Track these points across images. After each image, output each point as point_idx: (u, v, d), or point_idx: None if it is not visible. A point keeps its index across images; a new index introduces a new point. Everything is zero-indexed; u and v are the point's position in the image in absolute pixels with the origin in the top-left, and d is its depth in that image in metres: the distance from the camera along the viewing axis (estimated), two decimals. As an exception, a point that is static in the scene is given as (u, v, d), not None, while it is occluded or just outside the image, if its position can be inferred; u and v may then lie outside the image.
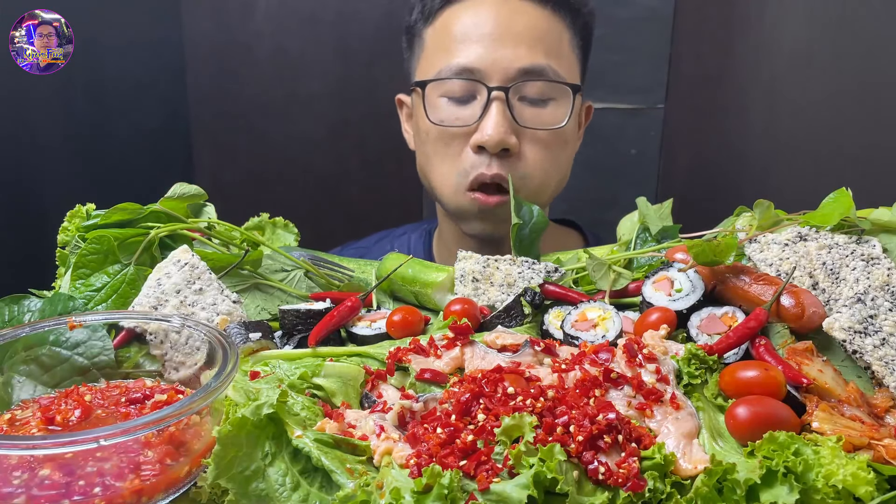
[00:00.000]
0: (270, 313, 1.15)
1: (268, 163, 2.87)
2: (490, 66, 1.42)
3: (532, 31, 1.46)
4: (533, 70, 1.43)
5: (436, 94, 1.48)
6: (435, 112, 1.48)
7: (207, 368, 0.93)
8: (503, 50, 1.43)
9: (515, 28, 1.45)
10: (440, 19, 1.53)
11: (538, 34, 1.46)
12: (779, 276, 1.00)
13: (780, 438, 0.71)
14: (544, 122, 1.45)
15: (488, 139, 1.40)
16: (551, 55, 1.46)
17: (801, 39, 2.40)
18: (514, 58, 1.43)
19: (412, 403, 0.82)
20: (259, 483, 0.72)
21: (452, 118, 1.46)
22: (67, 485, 0.69)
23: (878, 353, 0.86)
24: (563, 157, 1.52)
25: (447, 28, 1.51)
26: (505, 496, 0.65)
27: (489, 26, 1.46)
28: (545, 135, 1.45)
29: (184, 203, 1.23)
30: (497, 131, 1.39)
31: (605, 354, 0.87)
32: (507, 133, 1.41)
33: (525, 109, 1.44)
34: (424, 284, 1.18)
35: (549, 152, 1.47)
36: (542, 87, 1.44)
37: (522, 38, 1.45)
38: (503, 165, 1.43)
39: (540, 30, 1.47)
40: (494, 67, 1.42)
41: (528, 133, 1.44)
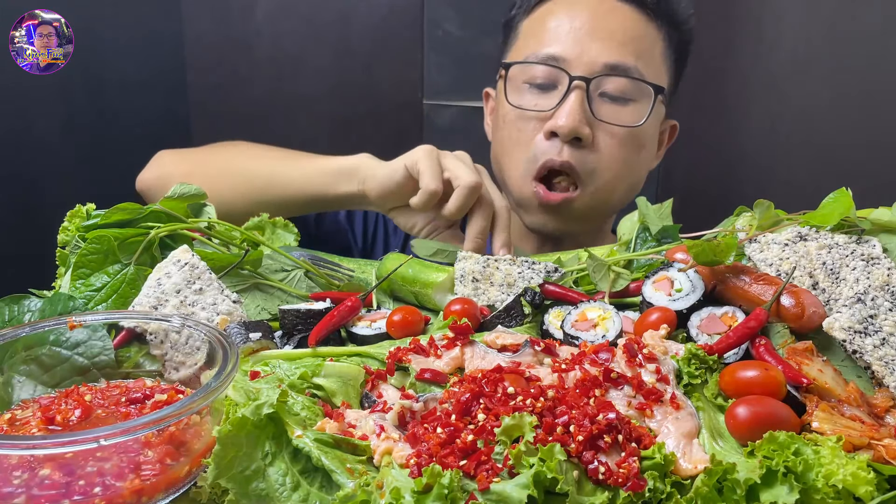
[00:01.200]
0: (270, 313, 1.15)
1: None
2: (576, 57, 1.45)
3: (625, 31, 1.49)
4: (618, 66, 1.45)
5: (520, 80, 1.52)
6: (516, 96, 1.52)
7: (207, 368, 0.93)
8: (591, 43, 1.46)
9: (608, 25, 1.48)
10: (538, 12, 1.58)
11: (631, 35, 1.49)
12: (779, 276, 1.00)
13: (780, 438, 0.71)
14: (622, 119, 1.47)
15: (562, 125, 1.42)
16: (641, 57, 1.48)
17: (801, 39, 2.40)
18: (601, 52, 1.45)
19: (412, 403, 0.82)
20: (259, 483, 0.72)
21: (532, 103, 1.49)
22: (67, 485, 0.69)
23: (878, 353, 0.86)
24: (636, 161, 1.53)
25: (543, 20, 1.55)
26: (505, 496, 0.65)
27: (582, 20, 1.49)
28: (621, 133, 1.46)
29: (184, 203, 1.24)
30: (571, 118, 1.41)
31: (605, 354, 0.87)
32: (582, 123, 1.42)
33: (604, 105, 1.47)
34: (424, 284, 1.18)
35: (623, 152, 1.48)
36: (625, 84, 1.46)
37: (613, 35, 1.47)
38: (574, 155, 1.45)
39: (633, 31, 1.50)
40: (580, 59, 1.45)
41: (604, 128, 1.46)
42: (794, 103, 2.46)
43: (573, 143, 1.44)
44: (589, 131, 1.44)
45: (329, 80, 2.76)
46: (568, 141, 1.44)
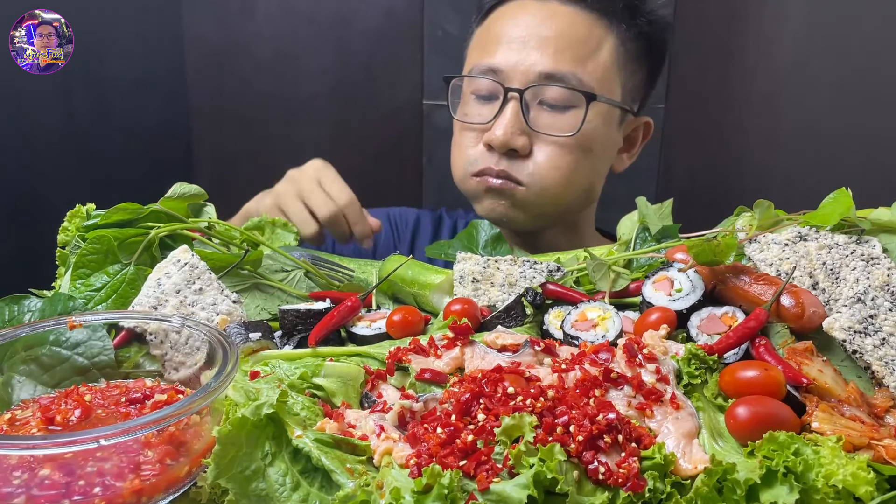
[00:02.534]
0: (270, 313, 1.15)
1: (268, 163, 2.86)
2: (511, 69, 1.46)
3: (564, 37, 1.47)
4: (553, 75, 1.44)
5: (468, 90, 1.55)
6: (462, 107, 1.57)
7: (207, 368, 0.92)
8: (528, 52, 1.46)
9: (545, 32, 1.47)
10: (488, 20, 1.59)
11: (571, 40, 1.47)
12: (779, 276, 1.00)
13: (780, 438, 0.71)
14: (560, 128, 1.46)
15: (495, 138, 1.45)
16: (581, 63, 1.46)
17: (801, 39, 2.40)
18: (537, 60, 1.45)
19: (412, 403, 0.82)
20: (259, 483, 0.72)
21: (475, 114, 1.52)
22: (67, 485, 0.69)
23: (878, 353, 0.86)
24: (586, 165, 1.51)
25: (489, 29, 1.56)
26: (505, 496, 0.65)
27: (521, 29, 1.49)
28: (563, 140, 1.46)
29: (184, 203, 1.23)
30: (504, 132, 1.43)
31: (605, 354, 0.87)
32: (515, 135, 1.44)
33: (543, 114, 1.46)
34: (423, 286, 1.18)
35: (566, 158, 1.47)
36: (562, 92, 1.45)
37: (549, 43, 1.46)
38: (510, 165, 1.47)
39: (574, 36, 1.47)
40: (515, 70, 1.46)
41: (544, 137, 1.46)
42: (794, 103, 2.46)
43: (509, 154, 1.46)
44: (525, 142, 1.45)
45: (329, 80, 2.76)
46: (503, 152, 1.46)
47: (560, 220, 1.61)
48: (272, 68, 2.78)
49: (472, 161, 1.51)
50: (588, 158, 1.51)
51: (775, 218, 1.10)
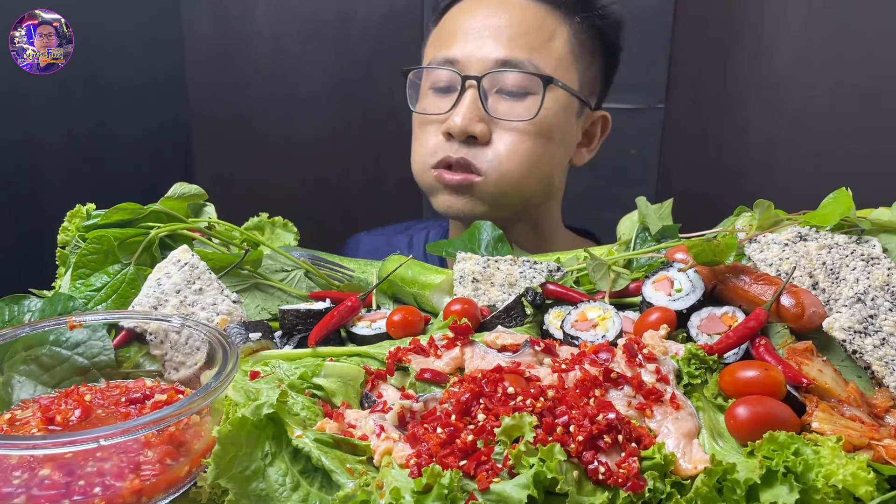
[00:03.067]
0: (270, 313, 1.15)
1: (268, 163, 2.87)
2: (468, 58, 1.48)
3: (517, 26, 1.49)
4: (510, 62, 1.46)
5: (426, 85, 1.56)
6: (419, 101, 1.58)
7: (207, 368, 0.92)
8: (483, 41, 1.48)
9: (499, 22, 1.50)
10: (444, 18, 1.60)
11: (524, 29, 1.49)
12: (779, 276, 1.00)
13: (780, 438, 0.71)
14: (518, 114, 1.47)
15: (454, 125, 1.45)
16: (536, 50, 1.49)
17: (800, 39, 2.40)
18: (492, 50, 1.47)
19: (412, 403, 0.82)
20: (259, 483, 0.72)
21: (433, 107, 1.52)
22: (67, 485, 0.69)
23: (878, 353, 0.86)
24: (545, 152, 1.52)
25: (445, 25, 1.58)
26: (505, 496, 0.65)
27: (476, 21, 1.51)
28: (521, 126, 1.47)
29: (184, 203, 1.24)
30: (463, 118, 1.44)
31: (605, 354, 0.87)
32: (473, 121, 1.45)
33: (501, 101, 1.48)
34: (423, 286, 1.18)
35: (525, 144, 1.48)
36: (519, 79, 1.46)
37: (504, 32, 1.49)
38: (469, 152, 1.48)
39: (526, 25, 1.50)
40: (472, 59, 1.47)
41: (503, 124, 1.47)
42: (794, 103, 2.46)
43: (468, 142, 1.47)
44: (484, 128, 1.46)
45: (329, 80, 2.76)
46: (463, 140, 1.46)
47: (522, 214, 1.60)
48: (272, 68, 2.77)
49: (432, 152, 1.51)
50: (547, 146, 1.52)
51: (775, 218, 1.10)
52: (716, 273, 1.02)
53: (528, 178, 1.51)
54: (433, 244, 1.41)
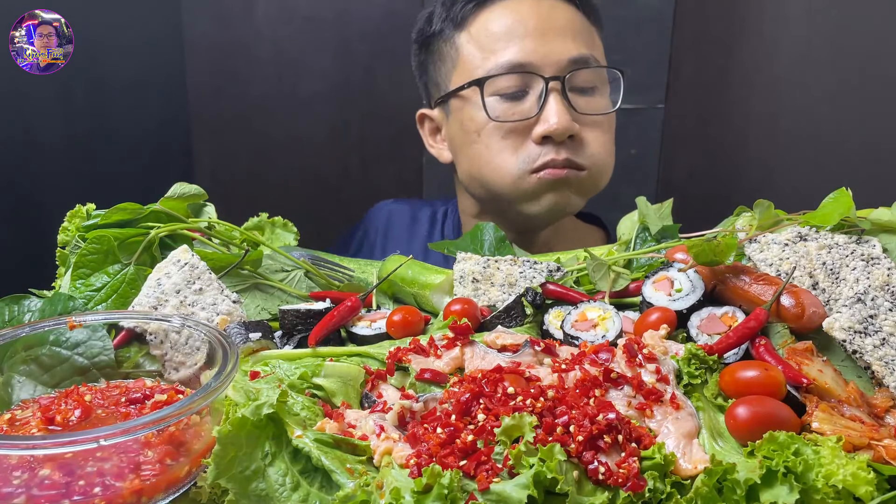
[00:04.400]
0: (270, 313, 1.15)
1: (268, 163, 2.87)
2: (542, 59, 1.48)
3: (571, 25, 1.54)
4: (581, 59, 1.49)
5: (486, 94, 1.50)
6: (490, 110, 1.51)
7: (207, 368, 0.93)
8: (552, 43, 1.49)
9: (557, 23, 1.52)
10: (475, 23, 1.56)
11: (577, 28, 1.54)
12: (779, 276, 1.00)
13: (780, 438, 0.71)
14: (597, 108, 1.52)
15: (555, 128, 1.44)
16: (591, 48, 1.54)
17: (801, 39, 2.40)
18: (564, 49, 1.49)
19: (412, 403, 0.82)
20: (259, 483, 0.72)
21: (509, 113, 1.49)
22: (67, 485, 0.69)
23: (878, 353, 0.86)
24: (613, 144, 1.60)
25: (487, 29, 1.54)
26: (505, 496, 0.65)
27: (533, 22, 1.51)
28: (598, 120, 1.52)
29: (184, 203, 1.24)
30: (562, 119, 1.45)
31: (605, 354, 0.87)
32: (570, 120, 1.47)
33: (579, 98, 1.51)
34: (423, 286, 1.18)
35: (607, 136, 1.56)
36: (590, 75, 1.51)
37: (566, 31, 1.52)
38: (570, 151, 1.49)
39: (577, 24, 1.55)
40: (546, 60, 1.48)
41: (583, 119, 1.50)
42: (794, 103, 2.46)
43: (566, 142, 1.48)
44: (578, 127, 1.48)
45: (329, 80, 2.76)
46: (561, 141, 1.47)
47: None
48: (272, 68, 2.77)
49: (530, 159, 1.49)
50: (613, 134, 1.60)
51: (775, 218, 1.10)
52: (716, 273, 1.02)
53: (611, 167, 1.59)
54: (435, 243, 1.41)
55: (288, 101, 2.80)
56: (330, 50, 2.73)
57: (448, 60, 1.61)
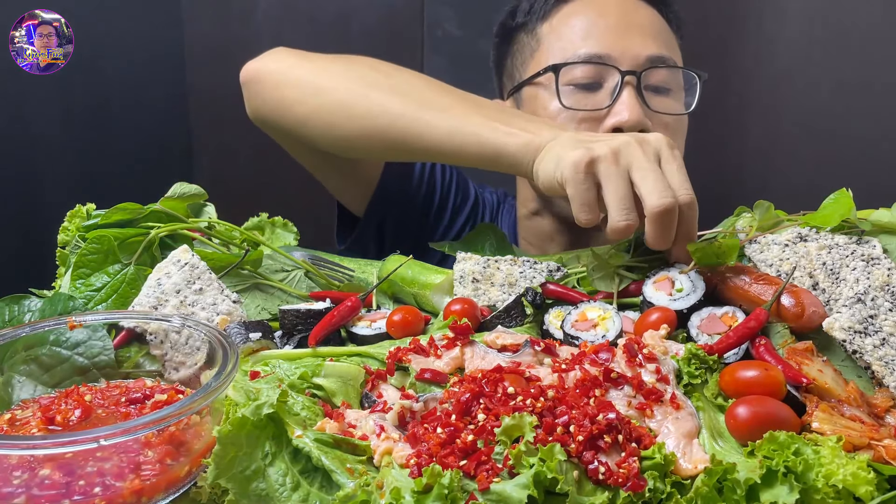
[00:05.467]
0: (270, 313, 1.15)
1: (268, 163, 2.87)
2: (620, 53, 1.48)
3: (653, 25, 1.55)
4: (659, 58, 1.50)
5: (561, 83, 1.51)
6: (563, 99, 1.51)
7: (207, 368, 0.93)
8: (631, 39, 1.50)
9: (639, 20, 1.53)
10: (558, 15, 1.59)
11: (658, 28, 1.55)
12: (779, 276, 1.00)
13: (781, 438, 0.71)
14: (669, 108, 1.52)
15: (626, 120, 1.44)
16: (670, 49, 1.55)
17: (800, 39, 2.40)
18: (643, 46, 1.49)
19: (412, 403, 0.82)
20: (259, 483, 0.72)
21: (582, 103, 1.50)
22: (67, 485, 0.69)
23: (878, 353, 0.86)
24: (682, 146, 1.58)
25: (568, 21, 1.57)
26: (505, 496, 0.65)
27: (614, 18, 1.53)
28: (670, 121, 1.51)
29: (184, 203, 1.24)
30: (634, 112, 1.44)
31: (605, 354, 0.87)
32: (642, 115, 1.46)
33: (652, 97, 1.50)
34: (423, 286, 1.18)
35: (680, 138, 1.56)
36: (666, 75, 1.52)
37: (646, 30, 1.52)
38: None
39: (658, 25, 1.56)
40: (625, 54, 1.48)
41: (655, 118, 1.50)
42: (793, 103, 2.46)
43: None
44: (649, 123, 1.48)
45: (329, 80, 2.75)
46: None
47: None
48: (272, 68, 2.77)
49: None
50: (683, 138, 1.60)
51: (775, 219, 1.10)
52: (716, 273, 1.02)
53: None
54: (436, 243, 1.41)
55: (288, 101, 2.79)
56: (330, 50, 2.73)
57: (527, 51, 1.63)
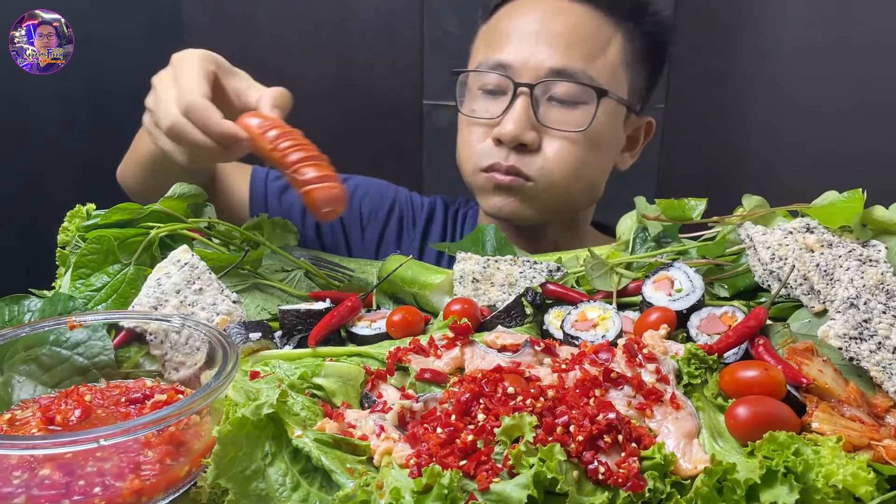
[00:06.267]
0: (270, 313, 1.15)
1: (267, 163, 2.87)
2: (522, 64, 1.46)
3: (573, 33, 1.48)
4: (563, 71, 1.45)
5: (475, 86, 1.54)
6: (469, 103, 1.55)
7: (207, 368, 0.92)
8: (538, 47, 1.46)
9: (556, 28, 1.48)
10: (495, 17, 1.58)
11: (581, 37, 1.48)
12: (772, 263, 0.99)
13: (780, 438, 0.71)
14: (569, 123, 1.46)
15: (505, 133, 1.44)
16: (591, 60, 1.47)
17: (801, 39, 2.40)
18: (547, 56, 1.45)
19: (412, 403, 0.82)
20: (259, 483, 0.72)
21: (483, 110, 1.51)
22: (67, 485, 0.69)
23: (875, 358, 0.85)
24: (593, 161, 1.52)
25: (497, 25, 1.56)
26: (505, 496, 0.65)
27: (531, 25, 1.49)
28: (572, 136, 1.47)
29: (184, 203, 1.24)
30: (515, 126, 1.43)
31: (605, 354, 0.87)
32: (525, 129, 1.44)
33: (553, 109, 1.47)
34: (423, 286, 1.18)
35: (574, 153, 1.48)
36: (572, 88, 1.45)
37: (560, 39, 1.47)
38: (520, 160, 1.46)
39: (583, 33, 1.49)
40: (526, 65, 1.46)
41: (553, 132, 1.47)
42: (794, 103, 2.46)
43: (519, 149, 1.46)
44: (534, 136, 1.45)
45: (329, 80, 2.76)
46: (513, 147, 1.46)
47: (563, 216, 1.61)
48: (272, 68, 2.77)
49: (481, 156, 1.50)
50: (595, 154, 1.52)
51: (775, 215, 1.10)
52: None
53: (576, 185, 1.51)
54: (437, 244, 1.41)
55: (288, 101, 2.79)
56: (330, 50, 2.73)
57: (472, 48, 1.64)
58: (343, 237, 1.73)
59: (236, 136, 1.09)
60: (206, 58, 1.22)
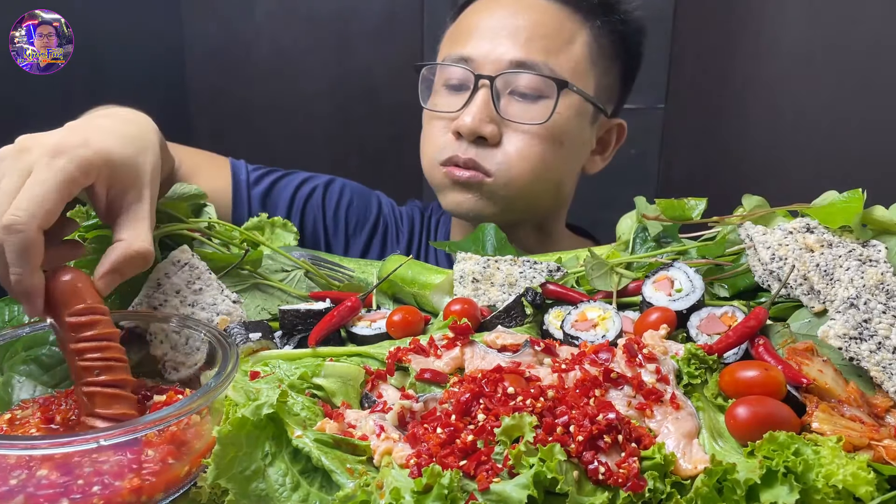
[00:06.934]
0: (270, 313, 1.15)
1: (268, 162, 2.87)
2: (483, 57, 1.46)
3: (536, 28, 1.47)
4: (525, 63, 1.44)
5: (439, 82, 1.54)
6: (431, 97, 1.55)
7: (207, 368, 0.93)
8: (499, 41, 1.46)
9: (519, 23, 1.47)
10: (462, 15, 1.59)
11: (543, 31, 1.47)
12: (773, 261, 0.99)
13: (780, 438, 0.71)
14: (531, 117, 1.45)
15: (463, 125, 1.43)
16: (553, 53, 1.46)
17: (801, 39, 2.40)
18: (507, 50, 1.45)
19: (412, 403, 0.82)
20: (259, 483, 0.72)
21: (444, 104, 1.51)
22: (66, 484, 0.69)
23: (875, 358, 0.85)
24: (556, 158, 1.50)
25: (462, 22, 1.56)
26: (505, 496, 0.65)
27: (495, 21, 1.49)
28: (532, 129, 1.45)
29: (184, 203, 1.23)
30: (473, 118, 1.42)
31: (605, 354, 0.87)
32: (484, 122, 1.43)
33: (514, 103, 1.46)
34: (423, 286, 1.18)
35: (536, 149, 1.46)
36: (533, 81, 1.44)
37: (521, 32, 1.46)
38: (479, 153, 1.46)
39: (546, 27, 1.48)
40: (487, 57, 1.45)
41: (514, 126, 1.46)
42: (794, 103, 2.46)
43: (478, 142, 1.45)
44: (494, 130, 1.44)
45: (329, 80, 2.76)
46: (472, 140, 1.45)
47: (529, 217, 1.59)
48: (272, 68, 2.77)
49: (440, 149, 1.49)
50: (558, 152, 1.50)
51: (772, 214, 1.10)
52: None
53: (537, 183, 1.49)
54: (438, 242, 1.41)
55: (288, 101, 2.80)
56: (330, 50, 2.73)
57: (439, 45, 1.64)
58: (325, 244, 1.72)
59: (34, 306, 0.83)
60: (91, 164, 0.87)
